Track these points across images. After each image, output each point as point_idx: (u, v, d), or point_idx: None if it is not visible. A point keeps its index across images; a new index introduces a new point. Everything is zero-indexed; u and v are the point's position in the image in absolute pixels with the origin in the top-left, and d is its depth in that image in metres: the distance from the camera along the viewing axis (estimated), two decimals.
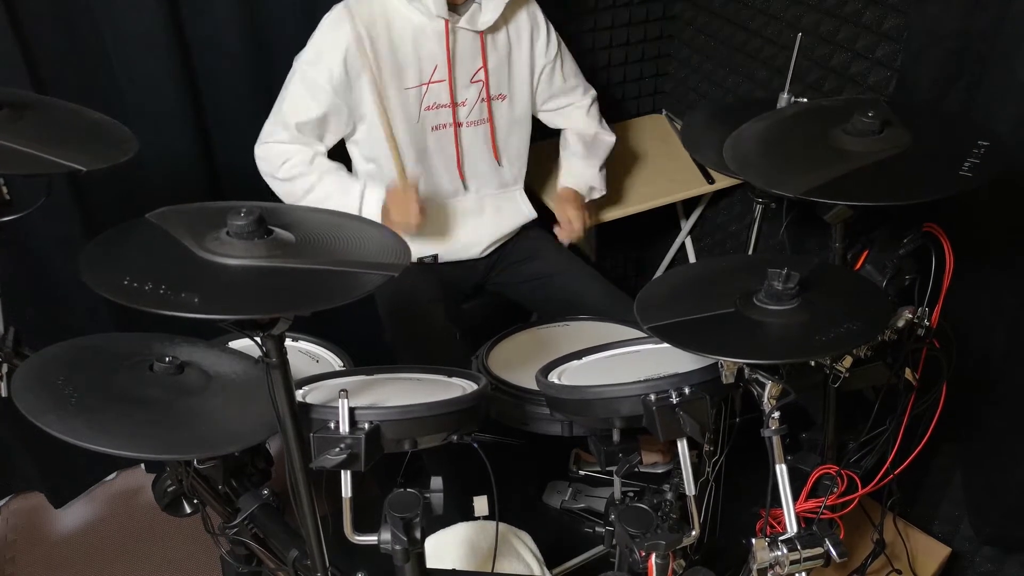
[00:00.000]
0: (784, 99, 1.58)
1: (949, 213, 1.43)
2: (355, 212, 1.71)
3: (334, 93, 1.67)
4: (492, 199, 1.93)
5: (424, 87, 1.72)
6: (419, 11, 1.65)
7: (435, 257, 1.91)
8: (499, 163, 1.90)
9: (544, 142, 2.08)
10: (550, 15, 1.90)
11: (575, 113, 2.01)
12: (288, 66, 1.89)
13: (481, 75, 1.77)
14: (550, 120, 2.02)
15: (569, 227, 1.90)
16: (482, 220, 1.93)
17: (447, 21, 1.67)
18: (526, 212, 2.00)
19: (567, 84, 1.96)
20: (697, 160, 2.19)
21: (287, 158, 1.72)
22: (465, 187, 1.88)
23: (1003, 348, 1.55)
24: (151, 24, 1.71)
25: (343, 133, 1.78)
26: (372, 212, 1.72)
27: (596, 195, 2.01)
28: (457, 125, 1.79)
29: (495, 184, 1.93)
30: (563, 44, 1.92)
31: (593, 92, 2.03)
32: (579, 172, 1.97)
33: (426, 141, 1.78)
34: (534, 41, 1.84)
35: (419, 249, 1.89)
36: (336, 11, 1.66)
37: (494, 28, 1.75)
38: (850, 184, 1.20)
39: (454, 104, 1.76)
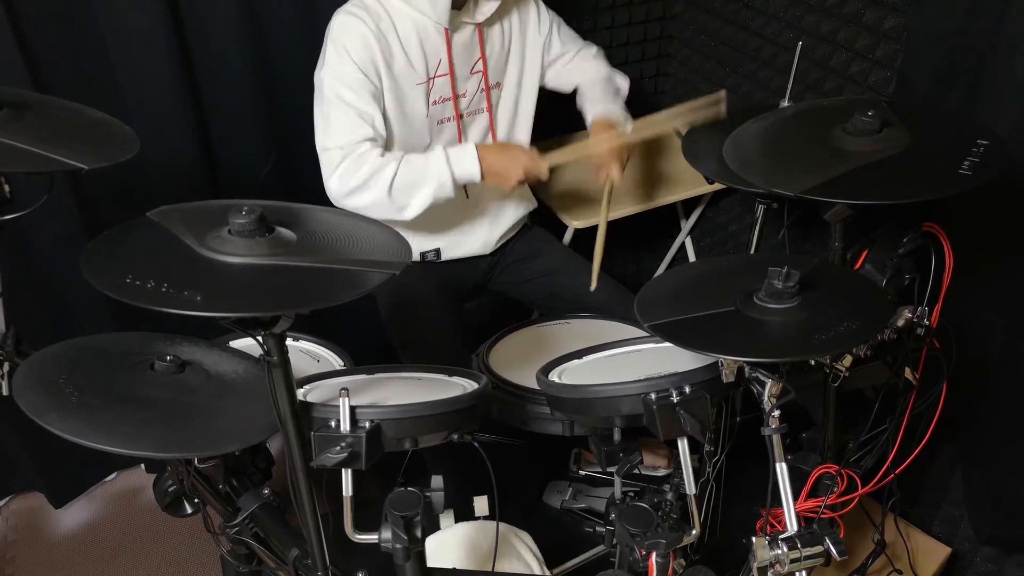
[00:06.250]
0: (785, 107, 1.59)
1: (949, 213, 1.43)
2: (448, 173, 1.64)
3: (367, 79, 1.63)
4: (493, 190, 1.93)
5: (431, 82, 1.72)
6: (415, 8, 1.66)
7: (437, 252, 1.91)
8: None
9: (546, 141, 2.07)
10: None
11: (582, 64, 1.96)
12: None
13: (480, 66, 1.78)
14: (562, 81, 1.96)
15: (606, 174, 1.80)
16: (485, 213, 1.93)
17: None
18: (526, 201, 2.00)
19: (566, 47, 1.94)
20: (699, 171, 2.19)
21: (358, 166, 1.62)
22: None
23: (1003, 348, 1.55)
24: (151, 23, 1.71)
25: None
26: (467, 161, 1.65)
27: (627, 128, 1.89)
28: (459, 117, 1.79)
29: None
30: (555, 16, 1.91)
31: (596, 46, 1.98)
32: (604, 109, 1.89)
33: (433, 136, 1.78)
34: (526, 25, 1.84)
35: (421, 244, 1.89)
36: (342, 12, 1.65)
37: (490, 19, 1.75)
38: (850, 183, 1.21)
39: (455, 96, 1.77)
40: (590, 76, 1.96)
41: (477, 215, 1.92)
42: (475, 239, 1.94)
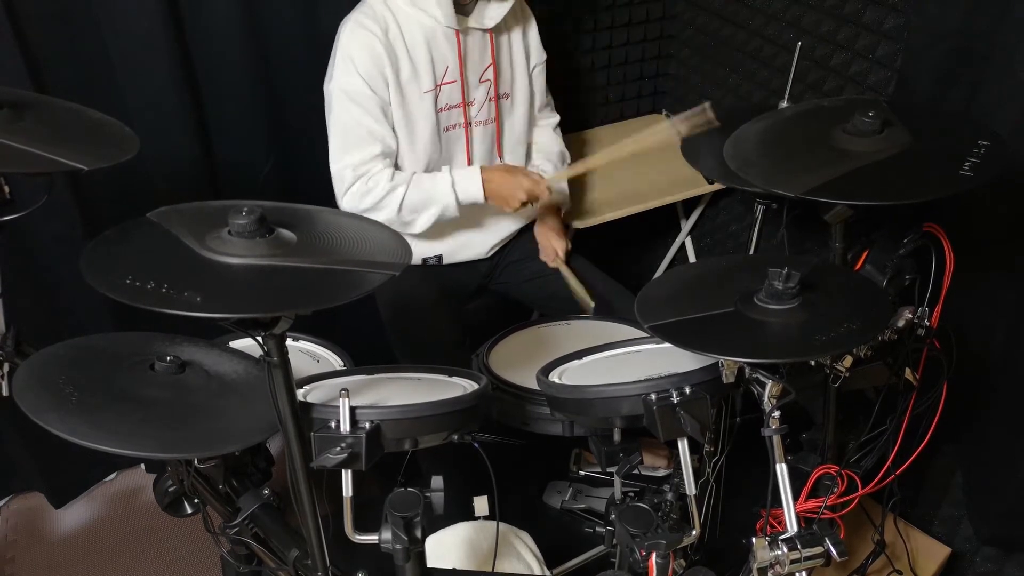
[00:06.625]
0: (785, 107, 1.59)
1: (949, 213, 1.43)
2: (452, 197, 1.71)
3: (375, 93, 1.66)
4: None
5: (438, 89, 1.72)
6: (423, 11, 1.65)
7: (439, 258, 1.91)
8: (502, 162, 1.90)
9: None
10: (550, 14, 1.90)
11: (544, 131, 2.02)
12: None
13: (490, 74, 1.78)
14: None
15: (554, 255, 1.94)
16: (486, 220, 1.93)
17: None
18: (528, 211, 2.00)
19: (545, 93, 1.98)
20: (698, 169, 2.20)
21: (369, 188, 1.69)
22: None
23: (1003, 348, 1.55)
24: (151, 24, 1.71)
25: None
26: (471, 185, 1.72)
27: (565, 209, 2.06)
28: (468, 125, 1.79)
29: None
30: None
31: (558, 116, 2.05)
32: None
33: (440, 143, 1.78)
34: (528, 39, 1.85)
35: (423, 250, 1.89)
36: (350, 21, 1.66)
37: (499, 27, 1.75)
38: (850, 184, 1.20)
39: (465, 104, 1.77)
40: (547, 148, 2.00)
41: (479, 224, 1.93)
42: (476, 247, 1.95)
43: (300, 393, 1.26)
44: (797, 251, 2.10)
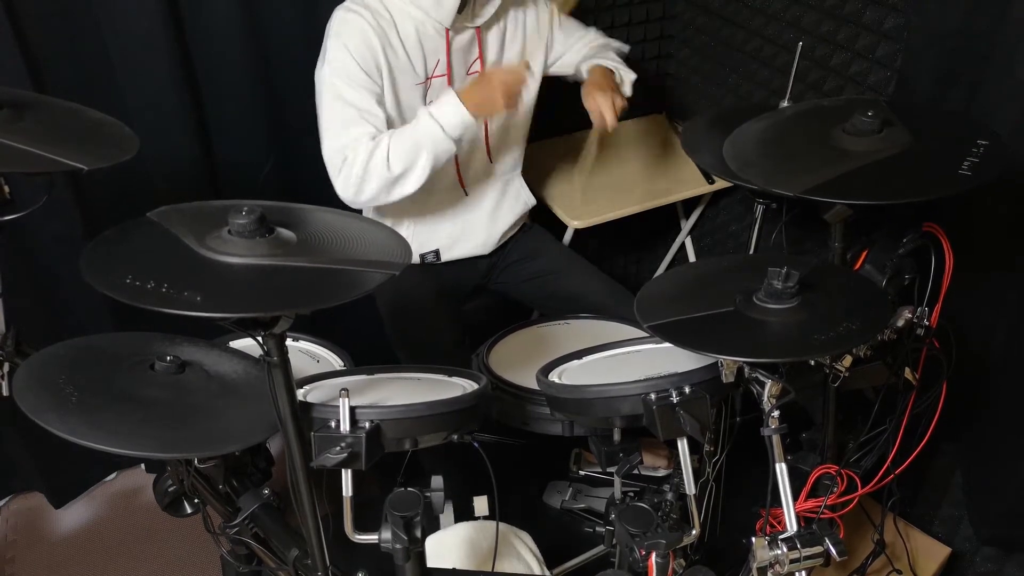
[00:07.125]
0: (785, 107, 1.59)
1: (949, 213, 1.43)
2: (437, 127, 1.62)
3: (369, 77, 1.63)
4: (490, 189, 1.93)
5: (428, 82, 1.72)
6: (419, 8, 1.65)
7: (437, 254, 1.91)
8: (490, 157, 1.90)
9: (545, 141, 2.08)
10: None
11: (581, 48, 1.94)
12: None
13: (477, 66, 1.78)
14: (562, 68, 1.95)
15: (600, 117, 1.79)
16: (481, 212, 1.93)
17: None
18: (524, 199, 2.00)
19: (568, 42, 1.92)
20: (698, 164, 2.20)
21: (355, 158, 1.61)
22: (463, 180, 1.88)
23: (1003, 348, 1.55)
24: (151, 24, 1.71)
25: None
26: (450, 107, 1.62)
27: (627, 83, 1.93)
28: None
29: (492, 173, 1.93)
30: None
31: (595, 30, 1.97)
32: (600, 61, 1.90)
33: None
34: (524, 27, 1.84)
35: (420, 246, 1.89)
36: (342, 11, 1.65)
37: (488, 21, 1.75)
38: (850, 184, 1.21)
39: None
40: (591, 53, 1.93)
41: (475, 214, 1.92)
42: (474, 239, 1.94)
43: (300, 393, 1.26)
44: (797, 251, 2.10)
